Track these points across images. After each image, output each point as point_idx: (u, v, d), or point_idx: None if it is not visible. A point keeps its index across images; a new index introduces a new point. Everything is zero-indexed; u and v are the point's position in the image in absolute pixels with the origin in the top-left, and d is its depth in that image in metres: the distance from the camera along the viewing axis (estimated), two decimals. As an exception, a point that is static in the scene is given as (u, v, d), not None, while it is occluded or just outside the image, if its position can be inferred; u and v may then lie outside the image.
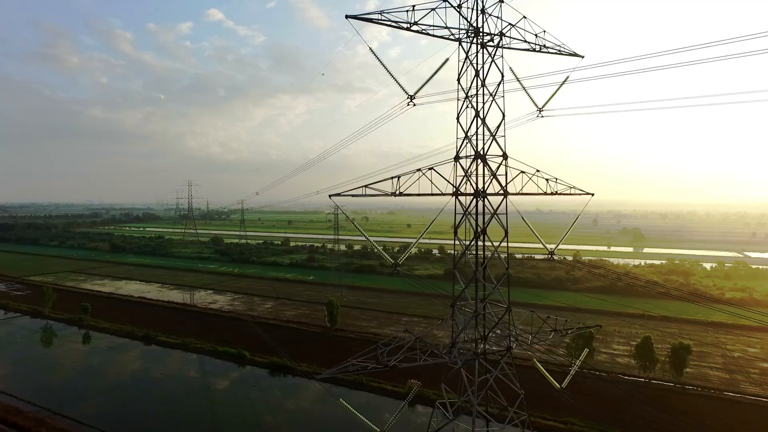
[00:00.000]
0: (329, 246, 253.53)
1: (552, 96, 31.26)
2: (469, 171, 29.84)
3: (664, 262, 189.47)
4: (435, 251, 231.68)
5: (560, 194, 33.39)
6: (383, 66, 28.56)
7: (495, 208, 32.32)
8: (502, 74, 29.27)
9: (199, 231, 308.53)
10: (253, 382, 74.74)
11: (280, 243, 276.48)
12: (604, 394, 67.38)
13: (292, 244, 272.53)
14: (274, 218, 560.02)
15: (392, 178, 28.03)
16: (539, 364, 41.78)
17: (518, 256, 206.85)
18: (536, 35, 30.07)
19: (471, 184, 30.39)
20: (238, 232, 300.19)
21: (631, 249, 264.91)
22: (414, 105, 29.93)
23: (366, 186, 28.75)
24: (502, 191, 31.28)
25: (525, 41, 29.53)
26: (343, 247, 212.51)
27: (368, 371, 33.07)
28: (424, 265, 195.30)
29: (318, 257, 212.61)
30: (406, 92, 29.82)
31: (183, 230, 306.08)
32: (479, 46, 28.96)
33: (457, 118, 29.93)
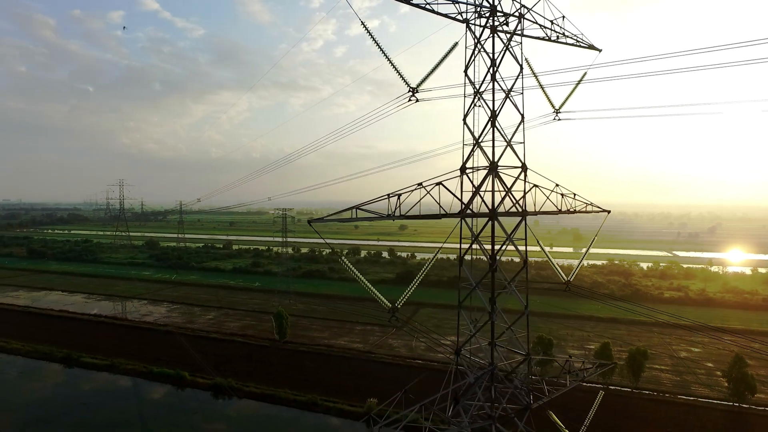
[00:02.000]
0: (275, 249, 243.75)
1: (569, 95, 27.90)
2: (479, 186, 25.57)
3: (604, 262, 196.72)
4: (385, 254, 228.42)
5: (578, 212, 30.16)
6: (381, 51, 23.87)
7: (509, 231, 28.14)
8: (521, 65, 25.30)
9: (131, 234, 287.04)
10: (195, 409, 67.06)
11: (221, 246, 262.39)
12: (566, 405, 66.01)
13: (234, 247, 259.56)
14: (214, 220, 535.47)
15: (389, 196, 23.26)
16: (555, 417, 37.96)
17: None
18: (552, 21, 26.43)
19: (484, 202, 26.05)
20: (175, 235, 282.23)
21: (571, 249, 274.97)
22: (417, 100, 25.45)
23: (357, 208, 23.91)
24: (518, 210, 27.27)
25: (544, 27, 25.73)
26: (289, 251, 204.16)
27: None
28: (374, 268, 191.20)
29: (263, 262, 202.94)
30: (408, 84, 25.33)
31: (114, 233, 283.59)
32: (489, 31, 24.87)
33: (464, 119, 25.58)
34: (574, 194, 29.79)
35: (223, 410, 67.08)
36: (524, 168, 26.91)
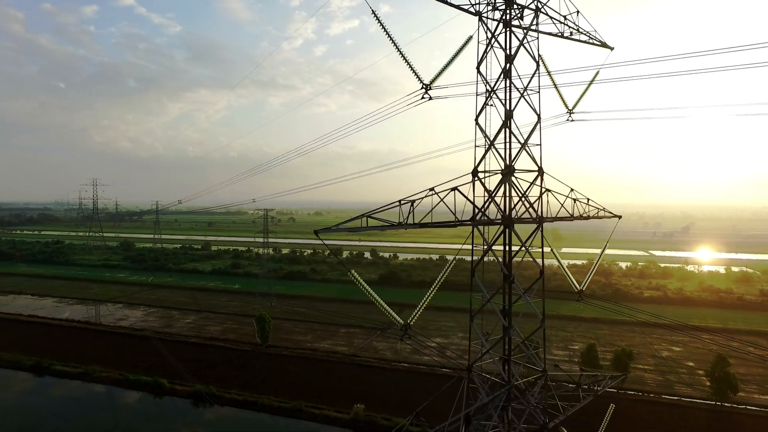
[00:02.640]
0: (255, 250, 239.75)
1: (582, 95, 26.96)
2: (493, 191, 24.29)
3: (584, 262, 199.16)
4: (367, 254, 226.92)
5: (591, 218, 29.28)
6: (394, 44, 22.40)
7: (524, 239, 26.87)
8: (537, 62, 24.13)
9: (105, 235, 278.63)
10: (174, 418, 64.52)
11: (200, 247, 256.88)
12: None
13: (213, 248, 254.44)
14: (192, 220, 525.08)
15: (401, 203, 21.81)
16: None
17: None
18: (565, 17, 25.37)
19: (499, 208, 24.76)
20: (152, 236, 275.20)
21: (548, 249, 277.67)
22: (430, 98, 24.11)
23: (368, 216, 22.41)
24: (534, 218, 26.08)
25: (559, 21, 24.66)
26: (270, 251, 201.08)
27: None
28: (357, 269, 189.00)
29: (243, 263, 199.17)
30: (421, 81, 23.97)
31: (87, 234, 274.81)
32: (503, 25, 23.61)
33: (476, 119, 24.32)
34: (588, 199, 28.96)
35: (203, 418, 64.75)
36: (540, 172, 25.84)
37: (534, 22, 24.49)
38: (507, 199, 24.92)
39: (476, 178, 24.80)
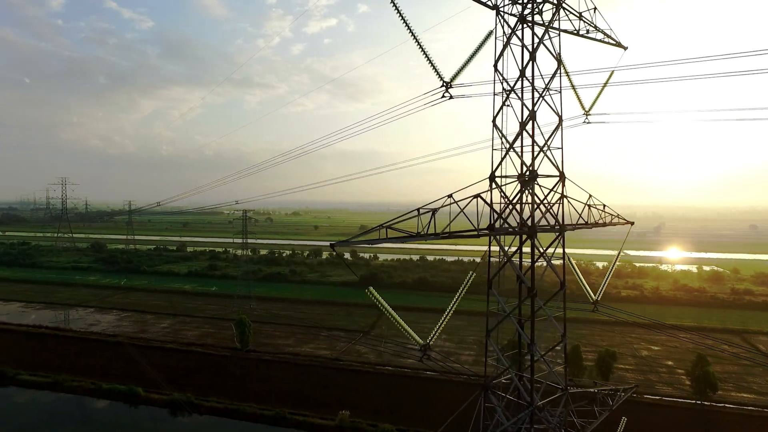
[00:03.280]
0: (233, 251, 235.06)
1: (598, 96, 26.14)
2: (514, 197, 23.20)
3: (576, 262, 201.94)
4: (347, 255, 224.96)
5: (607, 224, 28.57)
6: (415, 39, 21.04)
7: (542, 249, 25.67)
8: (559, 61, 23.17)
9: (75, 235, 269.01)
10: (150, 428, 61.88)
11: (175, 248, 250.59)
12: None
13: (189, 249, 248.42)
14: (166, 220, 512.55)
15: (419, 212, 20.42)
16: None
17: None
18: (581, 14, 24.44)
19: (520, 215, 23.57)
20: (124, 237, 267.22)
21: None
22: (450, 97, 22.92)
23: (387, 226, 21.07)
24: (553, 226, 25.04)
25: (577, 18, 23.73)
26: (248, 253, 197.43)
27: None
28: (337, 270, 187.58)
29: (220, 264, 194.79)
30: (441, 78, 22.77)
31: (55, 235, 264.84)
32: (520, 21, 22.52)
33: (493, 121, 23.20)
34: (604, 205, 28.31)
35: (181, 428, 62.30)
36: (562, 177, 24.95)
37: (555, 18, 23.54)
38: (531, 206, 23.90)
39: (494, 185, 23.68)
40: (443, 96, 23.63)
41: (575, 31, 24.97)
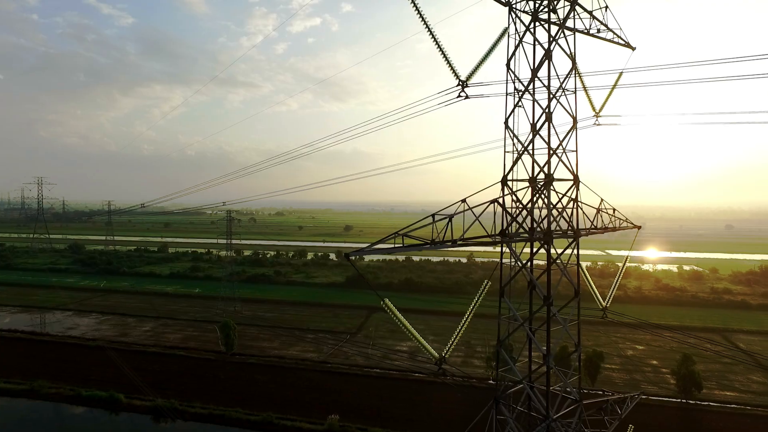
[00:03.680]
0: (216, 252, 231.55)
1: (608, 97, 25.64)
2: (528, 202, 22.47)
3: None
4: (332, 255, 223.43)
5: (617, 229, 28.17)
6: (433, 37, 20.19)
7: (557, 256, 24.93)
8: (574, 60, 22.54)
9: (52, 236, 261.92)
10: (132, 436, 59.99)
11: (156, 249, 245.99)
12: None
13: (171, 250, 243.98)
14: (147, 221, 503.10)
15: (434, 218, 19.60)
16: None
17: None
18: (591, 12, 23.87)
19: (534, 221, 22.84)
20: (103, 238, 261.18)
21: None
22: (466, 96, 22.12)
23: (403, 234, 20.22)
24: (566, 231, 24.41)
25: (590, 17, 23.13)
26: (232, 253, 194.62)
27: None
28: (322, 271, 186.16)
29: (203, 266, 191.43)
30: (458, 77, 21.93)
31: (31, 236, 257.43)
32: (533, 20, 21.82)
33: (506, 122, 22.48)
34: (614, 209, 27.93)
35: (165, 436, 60.56)
36: (576, 181, 24.39)
37: (569, 16, 22.91)
38: (547, 211, 23.27)
39: (506, 189, 22.98)
40: (459, 96, 22.84)
41: (586, 30, 24.48)
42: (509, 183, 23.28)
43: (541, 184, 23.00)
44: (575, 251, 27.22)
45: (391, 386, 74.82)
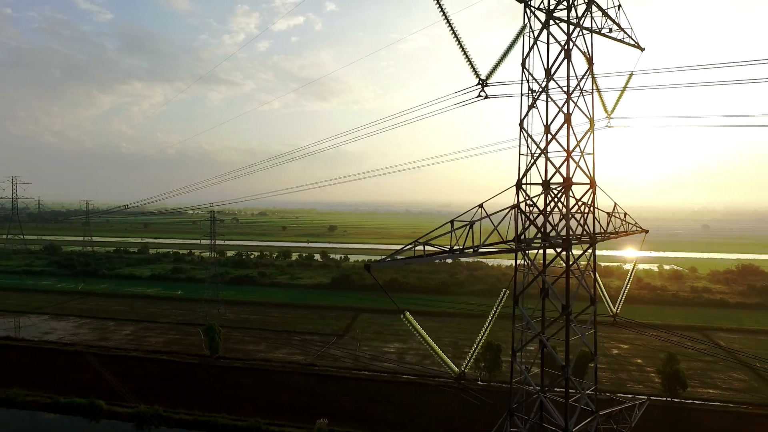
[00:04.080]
0: (198, 253, 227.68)
1: (619, 99, 25.24)
2: (549, 208, 21.81)
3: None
4: (317, 256, 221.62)
5: (629, 234, 27.81)
6: (454, 34, 19.39)
7: (572, 262, 24.27)
8: (590, 60, 22.02)
9: (27, 237, 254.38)
10: (114, 444, 58.07)
11: (136, 251, 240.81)
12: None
13: (152, 251, 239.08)
14: (126, 221, 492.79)
15: (453, 225, 18.85)
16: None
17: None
18: (606, 12, 23.40)
19: (553, 227, 22.19)
20: (81, 238, 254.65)
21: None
22: (486, 96, 21.35)
23: (425, 244, 19.42)
24: (580, 236, 23.86)
25: (601, 16, 22.67)
26: (214, 254, 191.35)
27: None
28: (307, 272, 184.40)
29: (185, 267, 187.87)
30: (478, 76, 21.19)
31: (5, 237, 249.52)
32: (549, 18, 21.21)
33: (521, 124, 21.87)
34: (625, 213, 27.62)
35: (148, 443, 58.79)
36: (593, 185, 23.93)
37: (586, 14, 22.39)
38: (565, 216, 22.69)
39: (521, 194, 22.34)
40: (479, 96, 22.11)
41: (598, 30, 24.02)
42: (524, 187, 22.74)
43: (560, 188, 22.47)
44: (591, 257, 26.71)
45: (380, 389, 74.08)
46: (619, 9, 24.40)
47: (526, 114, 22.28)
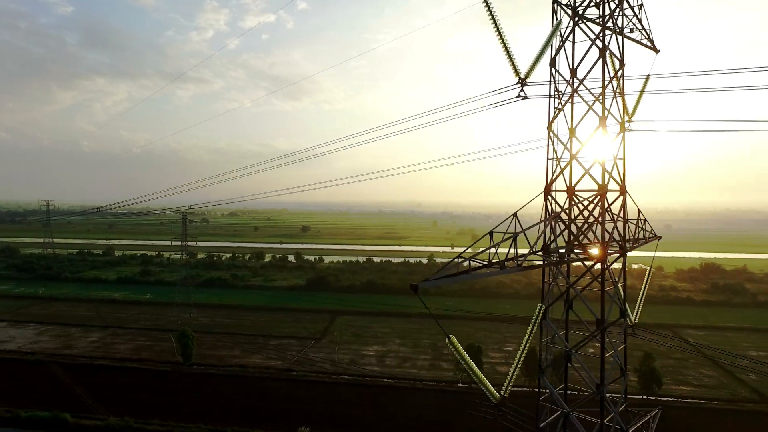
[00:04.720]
0: (167, 255, 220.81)
1: (638, 102, 24.50)
2: (589, 217, 20.81)
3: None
4: (290, 257, 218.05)
5: (648, 241, 27.18)
6: (498, 31, 18.11)
7: (599, 274, 23.39)
8: (621, 61, 21.14)
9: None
10: (81, 460, 54.81)
11: (101, 253, 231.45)
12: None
13: (117, 253, 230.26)
14: (89, 221, 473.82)
15: (491, 238, 17.67)
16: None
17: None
18: (633, 9, 22.60)
19: (587, 237, 21.21)
20: (41, 240, 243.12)
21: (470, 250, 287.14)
22: (525, 96, 20.15)
23: (470, 259, 18.16)
24: (605, 244, 22.98)
25: (623, 16, 21.82)
26: (184, 256, 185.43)
27: None
28: (282, 273, 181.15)
29: (154, 270, 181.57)
30: (518, 74, 19.98)
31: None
32: (575, 16, 20.29)
33: (549, 126, 20.88)
34: (645, 220, 27.16)
35: (119, 458, 55.77)
36: (623, 191, 23.21)
37: (616, 13, 21.64)
38: (602, 225, 21.89)
39: (549, 200, 21.44)
40: (519, 95, 20.96)
41: (620, 30, 23.33)
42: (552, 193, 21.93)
43: (596, 195, 21.70)
44: (622, 267, 26.05)
45: (361, 393, 72.81)
46: (640, 9, 23.99)
47: (555, 116, 21.47)
